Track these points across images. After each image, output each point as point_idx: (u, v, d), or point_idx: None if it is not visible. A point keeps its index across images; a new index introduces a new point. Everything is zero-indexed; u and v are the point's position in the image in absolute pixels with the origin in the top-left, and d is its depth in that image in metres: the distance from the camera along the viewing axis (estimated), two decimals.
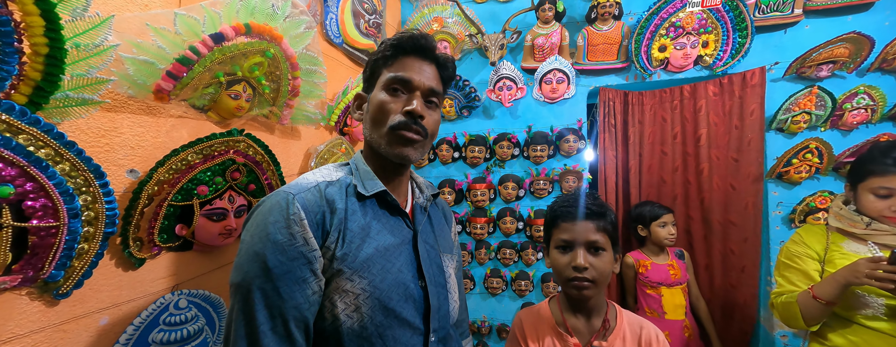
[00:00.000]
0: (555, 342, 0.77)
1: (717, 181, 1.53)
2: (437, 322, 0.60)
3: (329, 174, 0.61)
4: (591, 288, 0.71)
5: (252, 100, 0.88)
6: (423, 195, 0.70)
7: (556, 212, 0.78)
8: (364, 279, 0.54)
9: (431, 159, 1.85)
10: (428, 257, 0.62)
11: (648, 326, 0.76)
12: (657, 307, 1.45)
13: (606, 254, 0.73)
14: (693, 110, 1.55)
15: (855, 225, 0.91)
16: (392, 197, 0.61)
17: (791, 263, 0.99)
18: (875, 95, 1.34)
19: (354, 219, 0.57)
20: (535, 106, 1.73)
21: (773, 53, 1.46)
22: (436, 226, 0.68)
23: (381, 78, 0.62)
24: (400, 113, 0.59)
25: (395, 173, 0.64)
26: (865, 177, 0.89)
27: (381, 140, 0.60)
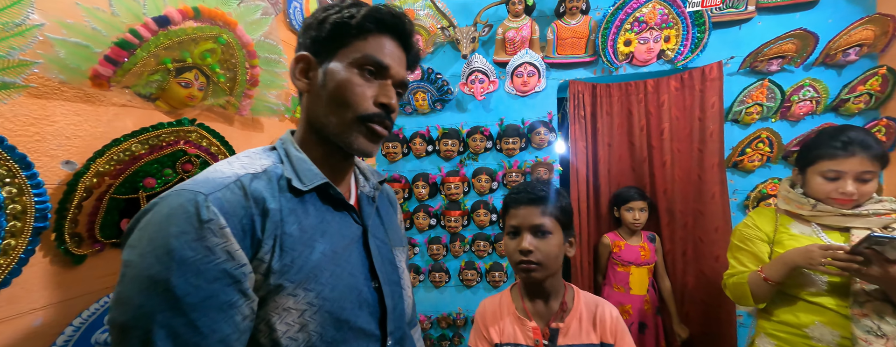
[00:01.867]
0: (515, 328, 0.78)
1: (679, 173, 1.60)
2: (394, 323, 0.55)
3: (251, 163, 0.48)
4: (537, 270, 0.73)
5: (206, 89, 0.84)
6: (370, 183, 0.62)
7: (507, 200, 0.80)
8: (310, 292, 0.45)
9: (405, 152, 1.83)
10: (380, 254, 0.56)
11: (603, 305, 0.79)
12: (624, 283, 1.59)
13: (553, 237, 0.74)
14: (657, 105, 1.61)
15: (802, 207, 0.95)
16: (336, 190, 0.52)
17: (743, 245, 1.03)
18: (819, 87, 1.43)
19: (292, 220, 0.47)
20: (508, 99, 1.75)
21: (729, 47, 1.53)
22: (384, 217, 0.62)
23: (349, 50, 0.50)
24: (372, 101, 0.50)
25: (341, 162, 0.55)
26: (815, 161, 0.93)
27: (343, 128, 0.50)
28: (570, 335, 0.75)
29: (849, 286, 0.87)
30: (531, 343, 0.76)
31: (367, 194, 0.60)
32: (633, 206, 1.58)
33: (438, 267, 1.78)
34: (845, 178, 0.88)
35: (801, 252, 0.88)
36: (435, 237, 1.79)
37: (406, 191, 1.80)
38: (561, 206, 0.77)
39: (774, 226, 1.01)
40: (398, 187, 1.78)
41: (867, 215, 0.88)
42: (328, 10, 0.52)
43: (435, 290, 1.83)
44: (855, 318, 0.84)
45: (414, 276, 1.79)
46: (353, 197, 0.59)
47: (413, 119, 1.84)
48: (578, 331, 0.76)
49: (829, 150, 0.90)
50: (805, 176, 0.97)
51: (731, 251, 1.08)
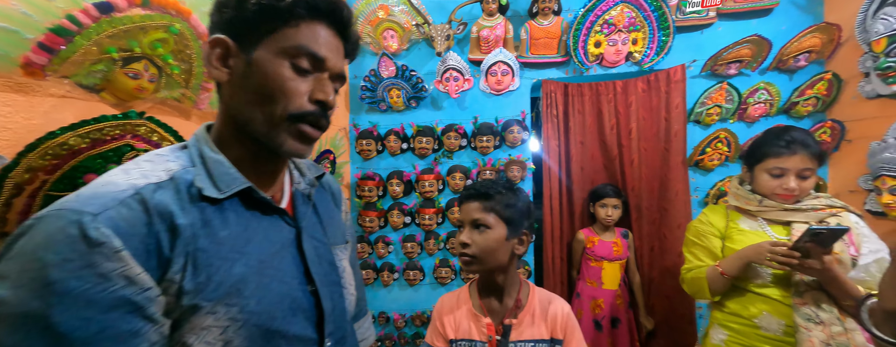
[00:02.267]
0: (470, 323, 0.79)
1: (646, 171, 1.66)
2: (333, 324, 0.52)
3: (154, 170, 0.42)
4: (473, 263, 0.76)
5: (157, 81, 0.79)
6: (305, 179, 0.57)
7: (459, 197, 0.83)
8: (233, 307, 0.41)
9: (380, 150, 1.81)
10: (317, 255, 0.52)
11: (557, 302, 0.81)
12: (597, 278, 1.64)
13: (491, 233, 0.76)
14: (625, 105, 1.66)
15: (750, 203, 1.01)
16: (260, 194, 0.47)
17: (698, 240, 1.08)
18: (772, 91, 1.52)
19: (207, 234, 0.42)
20: (482, 97, 1.76)
21: (692, 51, 1.60)
22: (323, 215, 0.58)
23: (278, 37, 0.44)
24: (306, 98, 0.45)
25: (268, 162, 0.49)
26: (762, 159, 0.98)
27: (269, 127, 0.44)
28: (522, 330, 0.77)
29: (791, 277, 0.92)
30: (485, 338, 0.77)
31: (302, 191, 0.56)
32: (606, 202, 1.64)
33: (413, 265, 1.77)
34: (788, 175, 0.94)
35: (754, 248, 0.93)
36: (410, 235, 1.78)
37: (381, 189, 1.78)
38: (507, 203, 0.78)
39: (726, 222, 1.06)
40: (373, 185, 1.75)
41: (806, 210, 0.95)
42: None
43: (409, 288, 1.82)
44: (796, 307, 0.90)
45: (388, 274, 1.77)
46: (287, 196, 0.54)
47: (388, 116, 1.82)
48: (531, 327, 0.78)
49: (775, 149, 0.95)
50: (753, 173, 1.02)
51: (686, 246, 1.12)
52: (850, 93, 1.42)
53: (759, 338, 0.95)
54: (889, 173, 1.22)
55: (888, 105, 1.30)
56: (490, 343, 0.77)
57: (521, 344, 0.76)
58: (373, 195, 1.76)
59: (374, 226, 1.77)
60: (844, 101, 1.45)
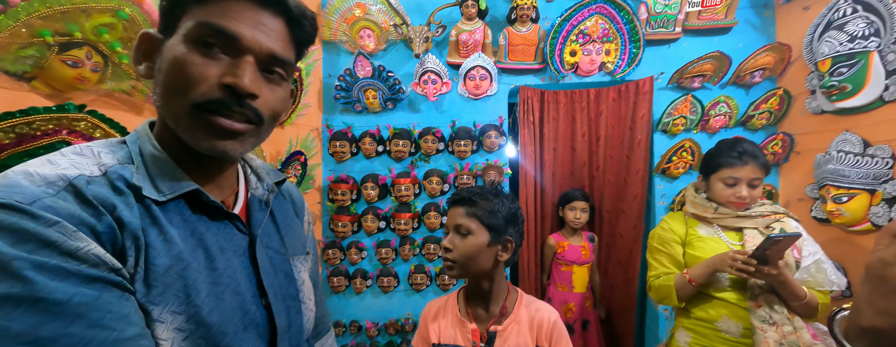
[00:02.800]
0: (456, 330, 0.78)
1: (610, 177, 1.76)
2: (289, 342, 0.48)
3: (83, 163, 0.37)
4: (453, 269, 0.76)
5: (102, 70, 0.71)
6: (264, 184, 0.52)
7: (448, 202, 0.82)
8: (179, 316, 0.37)
9: (354, 152, 1.75)
10: (271, 266, 0.48)
11: (544, 310, 0.80)
12: (568, 282, 1.69)
13: (473, 238, 0.76)
14: (597, 113, 1.72)
15: (706, 210, 1.06)
16: (209, 197, 0.42)
17: (662, 248, 1.11)
18: (731, 104, 1.61)
19: (157, 232, 0.38)
20: (460, 102, 1.75)
21: (660, 64, 1.67)
22: (281, 224, 0.53)
23: (185, 19, 0.39)
24: (214, 82, 0.38)
25: (215, 161, 0.45)
26: (717, 169, 1.03)
27: (178, 121, 0.39)
28: (507, 338, 0.76)
29: (746, 282, 0.97)
30: (469, 344, 0.76)
31: (259, 197, 0.51)
32: (575, 206, 1.70)
33: (387, 272, 1.72)
34: (740, 184, 1.00)
35: (719, 258, 0.97)
36: (384, 241, 1.73)
37: (354, 192, 1.72)
38: (490, 209, 0.77)
39: (685, 228, 1.11)
40: (346, 189, 1.69)
41: (755, 216, 1.02)
42: None
43: (383, 295, 1.76)
44: (752, 310, 0.95)
45: (361, 281, 1.71)
46: (241, 202, 0.49)
47: (363, 118, 1.77)
48: (516, 335, 0.77)
49: (728, 159, 1.01)
50: (709, 183, 1.07)
51: (651, 254, 1.15)
52: (799, 108, 1.54)
53: (720, 340, 0.99)
54: (832, 183, 1.33)
55: (831, 120, 1.41)
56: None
57: None
58: (346, 199, 1.70)
59: (347, 231, 1.71)
60: (793, 115, 1.57)
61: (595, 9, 1.60)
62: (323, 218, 1.76)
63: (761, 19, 1.64)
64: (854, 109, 1.32)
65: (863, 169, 1.26)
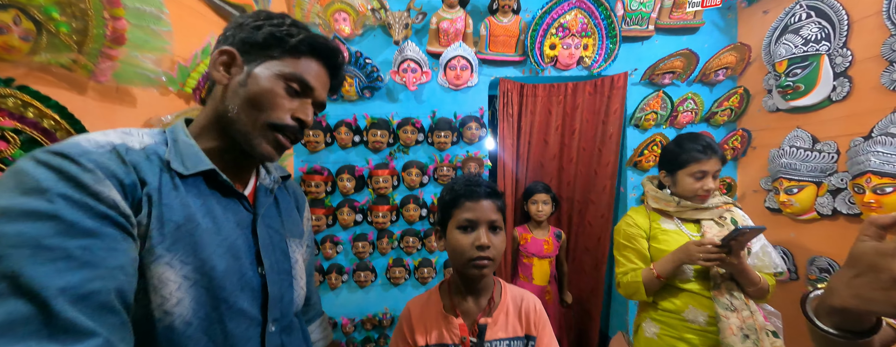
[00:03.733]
0: (441, 328, 0.75)
1: (581, 169, 1.81)
2: (279, 311, 0.56)
3: (126, 137, 0.47)
4: (490, 266, 0.71)
5: (35, 39, 0.61)
6: (271, 177, 0.63)
7: (459, 192, 0.74)
8: (187, 265, 0.46)
9: (329, 142, 1.67)
10: (270, 241, 0.57)
11: (528, 297, 0.80)
12: (528, 274, 1.72)
13: (502, 233, 0.74)
14: (573, 106, 1.75)
15: (669, 204, 1.08)
16: (223, 177, 0.52)
17: (629, 243, 1.12)
18: (697, 101, 1.70)
19: (173, 195, 0.47)
20: (440, 92, 1.71)
21: (634, 60, 1.73)
22: (283, 210, 0.63)
23: (279, 63, 0.53)
24: (289, 114, 0.53)
25: (238, 158, 0.56)
26: (686, 164, 1.04)
27: (251, 129, 0.52)
28: (498, 328, 0.75)
29: (708, 271, 1.03)
30: (457, 340, 0.73)
31: (266, 186, 0.61)
32: (537, 199, 1.71)
33: (364, 266, 1.67)
34: (707, 176, 1.04)
35: (684, 251, 0.99)
36: (361, 234, 1.68)
37: (329, 184, 1.65)
38: (504, 204, 0.78)
39: (649, 222, 1.13)
40: (321, 180, 1.61)
41: (712, 207, 1.07)
42: (270, 20, 0.54)
43: (360, 290, 1.71)
44: (715, 298, 1.00)
45: (336, 276, 1.65)
46: (251, 188, 0.59)
47: (339, 106, 1.69)
48: (505, 325, 0.75)
49: (696, 154, 1.04)
50: (675, 178, 1.08)
51: (618, 250, 1.15)
52: (756, 106, 1.65)
53: (686, 330, 1.03)
54: (785, 176, 1.44)
55: (785, 118, 1.53)
56: (464, 344, 0.73)
57: (498, 344, 0.74)
58: (320, 191, 1.62)
59: (322, 224, 1.64)
60: (751, 113, 1.68)
61: (575, 2, 1.62)
62: None
63: (725, 21, 1.73)
64: (805, 107, 1.43)
65: (812, 163, 1.37)
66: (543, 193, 1.71)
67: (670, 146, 1.11)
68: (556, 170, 1.85)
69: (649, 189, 1.15)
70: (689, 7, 1.64)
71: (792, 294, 1.43)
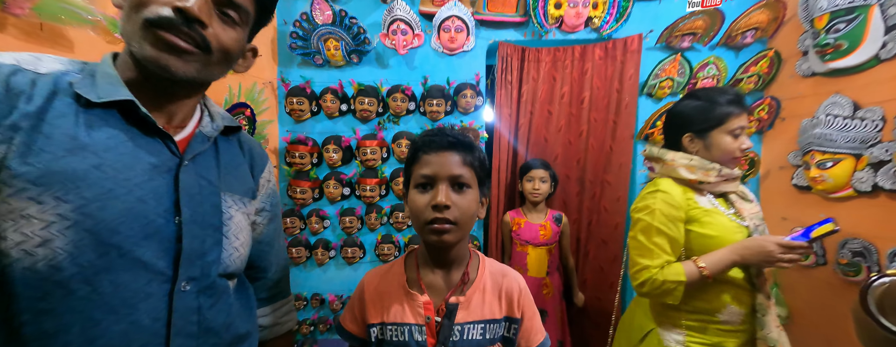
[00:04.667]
0: (404, 304, 0.64)
1: (593, 143, 1.61)
2: (198, 269, 0.49)
3: (33, 61, 0.44)
4: (452, 232, 0.58)
5: None
6: (213, 124, 0.56)
7: (418, 144, 0.63)
8: (65, 204, 0.40)
9: (314, 110, 1.57)
10: (198, 191, 0.51)
11: (512, 276, 0.68)
12: (522, 264, 1.52)
13: (471, 192, 0.61)
14: (581, 72, 1.58)
15: (709, 174, 0.88)
16: (144, 111, 0.46)
17: (665, 228, 0.85)
18: (720, 66, 1.52)
19: (59, 124, 0.42)
20: (434, 57, 1.58)
21: (649, 21, 1.55)
22: (224, 162, 0.57)
23: None
24: (167, 6, 0.44)
25: (165, 89, 0.49)
26: (724, 120, 0.87)
27: (131, 35, 0.45)
28: (471, 309, 0.63)
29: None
30: (422, 320, 0.62)
31: (205, 133, 0.55)
32: (533, 175, 1.51)
33: (352, 242, 1.60)
34: (743, 133, 0.88)
35: (756, 250, 0.79)
36: (348, 209, 1.60)
37: (315, 156, 1.56)
38: (480, 156, 0.64)
39: (685, 200, 0.90)
40: (306, 151, 1.53)
41: (736, 177, 0.90)
42: None
43: (348, 267, 1.65)
44: (759, 287, 0.84)
45: (323, 252, 1.58)
46: (186, 133, 0.53)
47: (324, 72, 1.58)
48: (481, 305, 0.64)
49: (732, 107, 0.87)
50: (708, 139, 0.90)
51: (647, 235, 0.87)
52: (788, 71, 1.46)
53: (720, 333, 0.86)
54: (817, 148, 1.27)
55: (822, 83, 1.34)
56: (428, 325, 0.62)
57: (470, 327, 0.62)
58: (306, 163, 1.54)
59: (307, 198, 1.56)
60: (782, 79, 1.49)
61: None
62: (280, 184, 1.60)
63: None
64: (847, 69, 1.24)
65: (851, 133, 1.20)
66: (541, 169, 1.51)
67: (692, 103, 0.92)
68: (563, 145, 1.62)
69: (677, 156, 0.91)
70: (689, 7, 1.47)
71: (816, 281, 1.29)
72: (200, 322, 0.49)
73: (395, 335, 0.62)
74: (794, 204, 1.40)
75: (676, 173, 0.91)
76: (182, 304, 0.47)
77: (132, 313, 0.43)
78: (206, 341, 0.50)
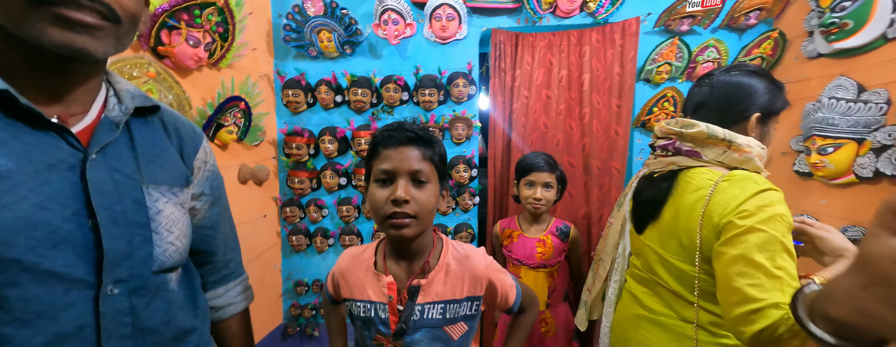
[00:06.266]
0: (370, 285, 0.68)
1: (599, 128, 1.54)
2: (127, 270, 0.46)
3: None
4: (412, 226, 0.60)
5: None
6: (121, 107, 0.49)
7: (377, 139, 0.64)
8: None
9: (310, 103, 1.60)
10: (113, 188, 0.45)
11: (474, 256, 0.70)
12: None
13: (431, 187, 0.63)
14: (578, 55, 1.55)
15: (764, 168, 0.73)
16: (24, 102, 0.40)
17: (790, 246, 0.58)
18: (721, 49, 1.47)
19: None
20: (426, 46, 1.58)
21: (646, 4, 1.50)
22: (142, 150, 0.50)
23: None
24: None
25: (56, 72, 0.43)
26: (785, 107, 0.76)
27: (18, 20, 0.38)
28: (431, 291, 0.66)
29: None
30: (385, 299, 0.67)
31: (112, 119, 0.48)
32: (535, 178, 1.18)
33: (349, 230, 1.64)
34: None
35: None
36: (345, 198, 1.64)
37: (312, 146, 1.60)
38: (440, 151, 0.66)
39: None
40: (302, 142, 1.56)
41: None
42: None
43: None
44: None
45: (322, 240, 1.63)
46: (89, 121, 0.47)
47: (319, 64, 1.60)
48: (442, 287, 0.67)
49: (780, 91, 0.75)
50: (768, 126, 0.75)
51: (771, 255, 0.56)
52: (793, 53, 1.40)
53: None
54: (819, 134, 1.23)
55: (827, 65, 1.29)
56: (390, 304, 0.66)
57: (430, 307, 0.66)
58: (302, 154, 1.58)
59: (305, 188, 1.60)
60: (787, 62, 1.44)
61: None
62: (279, 174, 1.65)
63: None
64: (852, 50, 1.19)
65: (854, 116, 1.15)
66: (546, 171, 1.15)
67: (758, 80, 0.74)
68: (565, 130, 1.53)
69: (751, 141, 0.69)
70: (689, 7, 1.41)
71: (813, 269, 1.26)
72: (135, 323, 0.46)
73: (362, 311, 0.67)
74: (796, 190, 1.37)
75: (753, 165, 0.69)
76: (111, 308, 0.44)
77: (52, 324, 0.40)
78: (144, 340, 0.47)
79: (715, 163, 0.71)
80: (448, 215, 1.64)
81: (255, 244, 1.51)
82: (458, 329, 0.68)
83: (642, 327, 0.80)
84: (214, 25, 1.13)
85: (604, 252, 1.02)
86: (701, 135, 0.71)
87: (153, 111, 0.54)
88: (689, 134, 0.72)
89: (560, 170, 1.23)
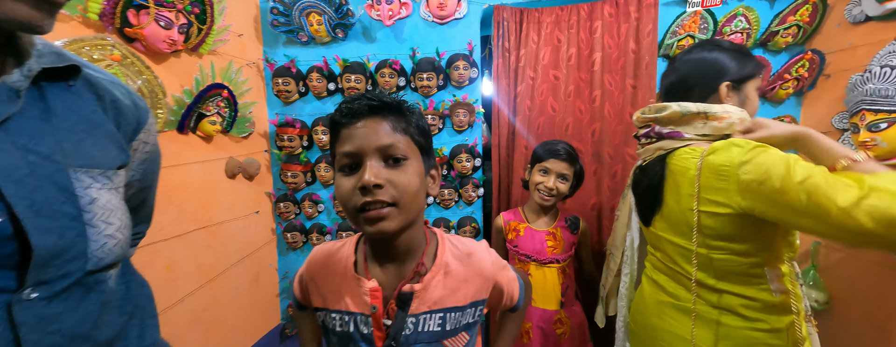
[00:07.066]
0: (347, 291, 0.54)
1: (610, 110, 1.41)
2: (60, 269, 0.39)
3: None
4: (391, 217, 0.46)
5: None
6: (22, 69, 0.39)
7: (334, 117, 0.50)
8: None
9: (303, 91, 1.51)
10: (30, 172, 0.37)
11: (478, 252, 0.58)
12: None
13: (411, 165, 0.49)
14: (589, 32, 1.41)
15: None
16: None
17: (798, 158, 0.58)
18: (751, 18, 1.32)
19: None
20: (423, 27, 1.47)
21: None
22: (61, 123, 0.41)
23: None
24: None
25: None
26: (758, 71, 0.75)
27: None
28: (428, 298, 0.53)
29: None
30: (367, 310, 0.53)
31: (10, 85, 0.38)
32: (551, 166, 1.08)
33: (347, 226, 1.55)
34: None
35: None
36: None
37: (305, 138, 1.51)
38: (418, 121, 0.51)
39: None
40: (295, 133, 1.47)
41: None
42: None
43: None
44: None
45: (318, 236, 1.55)
46: None
47: (309, 50, 1.50)
48: (441, 292, 0.54)
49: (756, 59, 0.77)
50: (743, 92, 0.74)
51: (823, 175, 0.53)
52: (835, 19, 1.24)
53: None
54: (869, 108, 1.07)
55: (876, 30, 1.13)
56: (375, 315, 0.52)
57: (426, 317, 0.52)
58: (295, 146, 1.49)
59: (299, 182, 1.52)
60: (827, 29, 1.28)
61: None
62: (272, 168, 1.57)
63: None
64: None
65: None
66: (565, 160, 1.06)
67: (721, 52, 0.74)
68: (574, 114, 1.41)
69: (729, 108, 0.71)
70: (690, 7, 1.30)
71: (863, 262, 1.12)
72: (63, 330, 0.39)
73: (339, 324, 0.55)
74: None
75: (733, 129, 0.69)
76: (30, 315, 0.37)
77: None
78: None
79: (698, 138, 0.71)
80: (451, 207, 1.54)
81: (248, 242, 1.43)
82: (458, 342, 0.56)
83: (668, 314, 0.75)
84: (189, 5, 1.03)
85: (614, 246, 1.03)
86: (675, 115, 0.72)
87: (73, 73, 0.43)
88: (664, 117, 0.73)
89: (580, 165, 1.14)
